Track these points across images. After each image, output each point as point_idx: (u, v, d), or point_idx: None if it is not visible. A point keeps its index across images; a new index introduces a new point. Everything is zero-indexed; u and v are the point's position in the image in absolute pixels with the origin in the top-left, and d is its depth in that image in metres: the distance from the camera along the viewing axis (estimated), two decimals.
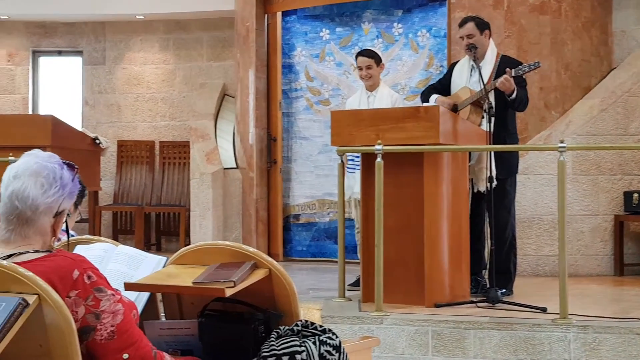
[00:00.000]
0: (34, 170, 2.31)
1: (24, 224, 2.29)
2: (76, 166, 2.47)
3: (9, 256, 2.24)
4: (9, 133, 7.24)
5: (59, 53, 10.54)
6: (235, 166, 8.73)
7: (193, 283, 2.57)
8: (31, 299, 2.06)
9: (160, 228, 9.82)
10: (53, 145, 6.93)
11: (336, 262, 7.58)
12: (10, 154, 6.86)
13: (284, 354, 2.48)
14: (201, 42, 10.04)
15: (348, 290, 5.67)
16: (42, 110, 10.49)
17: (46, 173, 2.32)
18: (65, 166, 2.39)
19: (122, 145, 10.00)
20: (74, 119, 9.88)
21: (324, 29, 8.38)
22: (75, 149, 7.46)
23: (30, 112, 10.35)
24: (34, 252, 2.27)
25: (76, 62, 10.48)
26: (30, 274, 2.09)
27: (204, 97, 9.57)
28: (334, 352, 2.54)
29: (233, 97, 9.27)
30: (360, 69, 6.30)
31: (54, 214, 2.34)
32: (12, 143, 7.07)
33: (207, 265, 2.74)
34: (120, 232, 9.75)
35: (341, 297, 5.48)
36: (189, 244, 8.65)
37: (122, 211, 9.82)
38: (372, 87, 6.33)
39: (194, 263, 2.82)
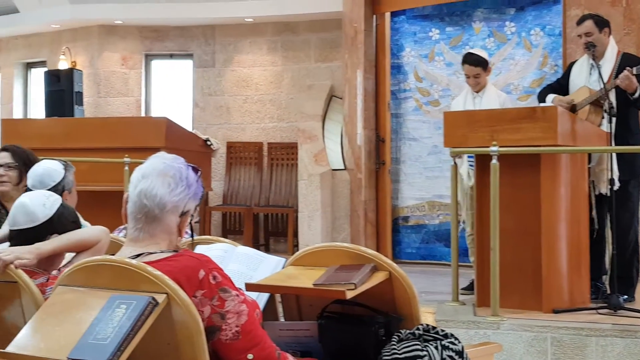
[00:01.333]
0: (161, 170, 2.37)
1: (151, 222, 2.34)
2: (199, 168, 2.52)
3: (138, 255, 2.29)
4: (124, 135, 7.44)
5: (171, 56, 10.81)
6: (343, 167, 8.74)
7: (314, 285, 2.57)
8: (160, 298, 2.10)
9: (269, 229, 9.94)
10: (167, 147, 7.07)
11: (446, 265, 7.50)
12: (126, 155, 7.08)
13: (406, 358, 2.45)
14: (309, 44, 10.11)
15: (461, 294, 5.59)
16: (154, 113, 10.78)
17: (173, 173, 2.37)
18: (190, 167, 2.44)
19: (231, 146, 10.16)
20: (184, 121, 10.10)
21: (433, 29, 8.30)
22: (187, 150, 7.60)
23: (143, 115, 10.65)
24: (162, 252, 2.32)
25: (187, 64, 10.72)
26: (159, 273, 2.14)
27: (312, 99, 9.63)
28: (456, 357, 2.50)
29: (341, 99, 9.29)
30: (467, 77, 6.18)
31: (179, 214, 2.39)
32: (128, 145, 7.28)
33: (326, 267, 2.74)
34: (229, 233, 9.91)
35: (455, 301, 5.41)
36: (297, 245, 8.79)
37: (231, 212, 9.98)
38: (478, 88, 6.21)
39: (313, 264, 2.82)
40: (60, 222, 2.84)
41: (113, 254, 2.39)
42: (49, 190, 3.82)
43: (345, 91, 8.79)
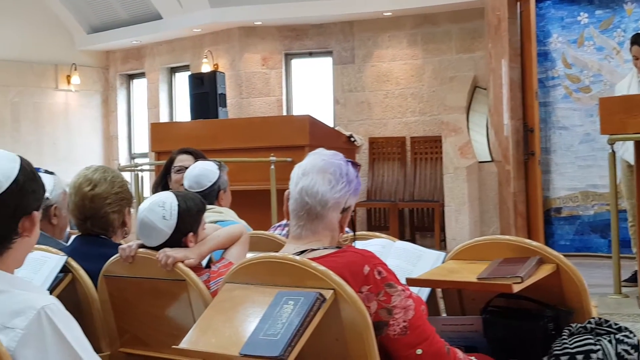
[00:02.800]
0: (321, 167, 2.39)
1: (313, 219, 2.37)
2: (359, 164, 2.53)
3: (301, 252, 2.32)
4: (269, 134, 7.60)
5: (310, 54, 10.94)
6: (490, 159, 8.60)
7: (478, 279, 2.53)
8: (327, 294, 2.12)
9: (414, 224, 9.90)
10: (310, 145, 7.18)
11: (602, 257, 7.25)
12: (272, 154, 7.22)
13: (578, 353, 2.39)
14: (450, 35, 9.99)
15: (623, 286, 5.39)
16: (296, 111, 10.94)
17: (333, 170, 2.39)
18: (349, 163, 2.46)
19: (373, 142, 10.19)
20: (326, 118, 10.20)
21: (581, 13, 8.04)
22: (331, 147, 7.66)
23: (284, 113, 10.83)
24: (325, 248, 2.35)
25: (326, 62, 10.82)
26: (325, 269, 2.16)
27: (454, 91, 9.52)
28: (632, 351, 2.41)
29: (484, 89, 9.14)
30: (636, 58, 5.92)
31: (341, 210, 2.41)
32: (273, 144, 7.44)
33: (488, 260, 2.69)
34: (374, 229, 9.93)
35: (617, 294, 5.23)
36: (444, 240, 8.69)
37: (375, 208, 10.00)
38: None
39: (474, 258, 2.79)
40: (189, 221, 2.81)
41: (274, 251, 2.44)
42: (205, 190, 3.97)
43: (489, 81, 8.64)
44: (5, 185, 1.85)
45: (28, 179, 1.91)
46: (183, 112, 11.85)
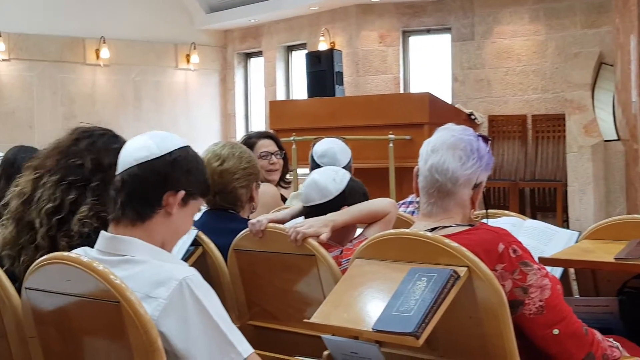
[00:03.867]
0: (451, 144, 2.36)
1: (444, 196, 2.34)
2: (489, 138, 2.48)
3: (433, 229, 2.31)
4: (387, 112, 7.57)
5: (428, 31, 10.82)
6: (616, 138, 8.32)
7: (615, 259, 2.46)
8: (461, 271, 2.10)
9: (535, 204, 9.70)
10: (430, 122, 7.12)
11: None
12: (390, 132, 7.20)
13: None
14: (574, 10, 9.69)
15: None
16: (413, 89, 10.87)
17: (463, 145, 2.35)
18: (480, 138, 2.41)
19: (493, 120, 10.01)
20: (444, 96, 10.09)
21: None
22: None
23: (401, 91, 10.76)
24: (457, 225, 2.32)
25: (445, 39, 10.69)
26: (458, 246, 2.14)
27: (579, 67, 9.23)
28: None
29: (611, 65, 8.84)
30: None
31: (472, 186, 2.37)
32: (391, 121, 7.41)
33: (624, 240, 2.62)
34: (493, 208, 9.74)
35: None
36: (567, 220, 8.46)
37: (495, 187, 9.84)
38: None
39: (609, 238, 2.71)
40: (351, 195, 2.95)
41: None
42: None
43: (616, 57, 8.35)
44: (158, 153, 1.94)
45: (185, 158, 2.00)
46: (299, 91, 11.94)
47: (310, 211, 2.93)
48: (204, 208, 3.39)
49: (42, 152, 2.37)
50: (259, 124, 12.74)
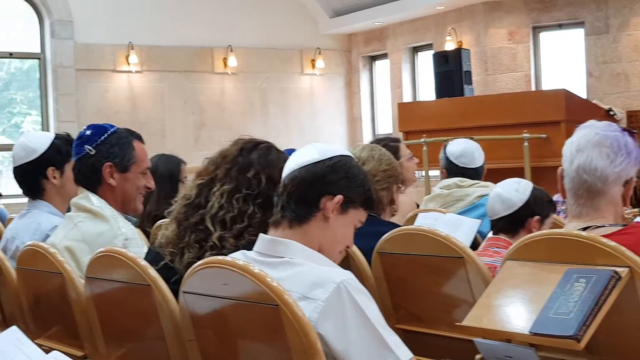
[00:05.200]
0: (597, 141, 2.29)
1: (594, 196, 2.29)
2: (635, 131, 2.41)
3: (585, 229, 2.25)
4: (520, 110, 7.45)
5: (559, 26, 10.57)
6: None
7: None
8: (622, 272, 2.03)
9: None
10: (566, 120, 6.96)
11: None
12: (525, 130, 7.06)
13: None
14: None
15: None
16: (545, 86, 10.63)
17: (609, 142, 2.28)
18: (626, 133, 2.34)
19: (632, 115, 9.68)
20: (578, 92, 9.82)
21: None
22: None
23: (532, 89, 10.55)
24: (610, 225, 2.25)
25: (577, 33, 10.41)
26: (617, 245, 2.07)
27: None
28: None
29: None
30: None
31: (622, 183, 2.31)
32: (524, 120, 7.27)
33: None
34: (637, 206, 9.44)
35: None
36: None
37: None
38: None
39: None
40: (537, 204, 3.08)
41: None
42: (478, 167, 4.04)
43: None
44: (319, 158, 1.99)
45: (345, 165, 2.05)
46: (426, 92, 11.88)
47: (496, 224, 3.01)
48: None
49: (207, 159, 2.46)
50: (386, 126, 12.74)
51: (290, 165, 2.07)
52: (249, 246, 2.16)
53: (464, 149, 4.19)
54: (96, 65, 11.33)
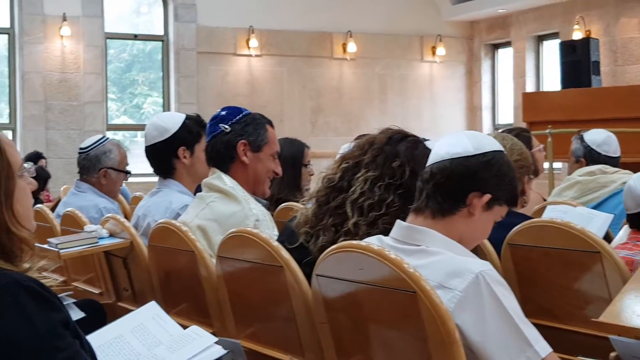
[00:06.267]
0: None
1: None
2: None
3: None
4: None
5: None
6: None
7: None
8: None
9: None
10: None
11: None
12: None
13: None
14: None
15: None
16: None
17: None
18: None
19: None
20: None
21: None
22: None
23: None
24: None
25: None
26: None
27: None
28: None
29: None
30: None
31: None
32: None
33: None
34: None
35: None
36: None
37: None
38: None
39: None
40: None
41: None
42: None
43: None
44: (472, 152, 1.97)
45: (498, 162, 2.03)
46: (550, 82, 11.62)
47: (631, 219, 2.92)
48: None
49: (354, 144, 2.50)
50: (506, 116, 12.54)
51: (440, 153, 2.04)
52: (381, 235, 2.19)
53: (607, 137, 4.18)
54: (217, 48, 11.55)
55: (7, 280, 1.58)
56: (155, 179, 3.56)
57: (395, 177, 2.33)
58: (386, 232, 2.11)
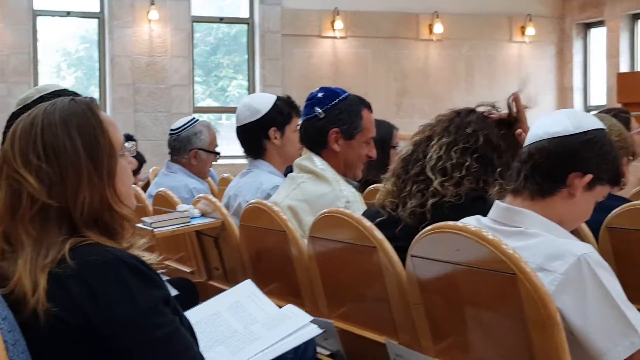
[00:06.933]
0: None
1: None
2: None
3: None
4: None
5: None
6: None
7: None
8: None
9: None
10: None
11: None
12: None
13: None
14: None
15: None
16: None
17: None
18: None
19: None
20: None
21: None
22: None
23: None
24: None
25: None
26: None
27: None
28: None
29: None
30: None
31: None
32: None
33: None
34: None
35: None
36: None
37: None
38: None
39: None
40: None
41: None
42: None
43: None
44: (572, 131, 1.94)
45: (600, 141, 2.01)
46: None
47: None
48: None
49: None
50: (599, 98, 12.24)
51: (538, 133, 2.01)
52: (470, 194, 2.30)
53: None
54: (302, 30, 11.58)
55: (110, 257, 1.62)
56: (241, 161, 3.61)
57: (470, 142, 2.40)
58: (472, 193, 2.14)
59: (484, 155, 2.38)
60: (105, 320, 1.57)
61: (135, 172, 7.89)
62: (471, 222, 2.02)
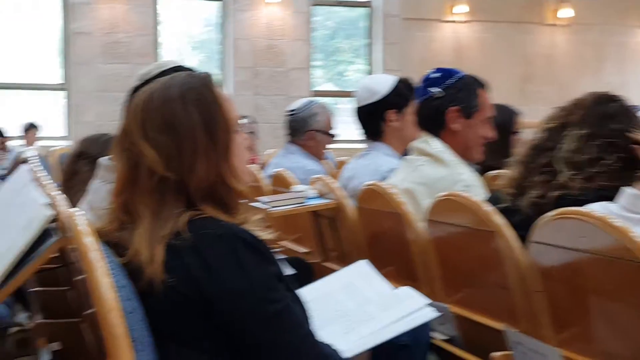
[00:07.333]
0: None
1: None
2: None
3: None
4: None
5: None
6: None
7: None
8: None
9: None
10: None
11: None
12: None
13: None
14: None
15: None
16: None
17: None
18: None
19: None
20: None
21: None
22: None
23: None
24: None
25: None
26: None
27: None
28: None
29: None
30: None
31: None
32: None
33: None
34: None
35: None
36: None
37: None
38: None
39: None
40: None
41: None
42: None
43: None
44: None
45: None
46: None
47: None
48: None
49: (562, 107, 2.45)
50: None
51: None
52: (598, 192, 2.13)
53: None
54: (423, 14, 11.49)
55: (225, 231, 1.63)
56: (357, 145, 3.59)
57: (612, 138, 2.25)
58: (602, 191, 2.03)
59: (627, 152, 2.22)
60: (218, 292, 1.58)
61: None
62: (597, 208, 1.94)
